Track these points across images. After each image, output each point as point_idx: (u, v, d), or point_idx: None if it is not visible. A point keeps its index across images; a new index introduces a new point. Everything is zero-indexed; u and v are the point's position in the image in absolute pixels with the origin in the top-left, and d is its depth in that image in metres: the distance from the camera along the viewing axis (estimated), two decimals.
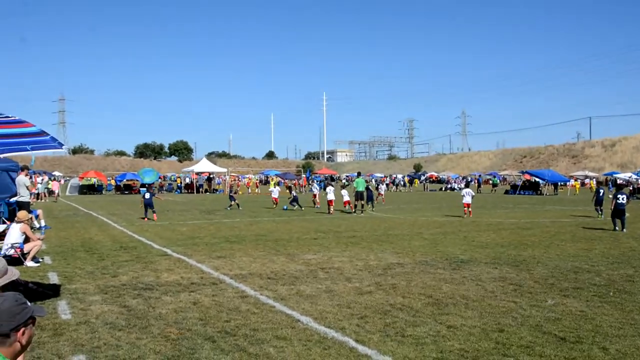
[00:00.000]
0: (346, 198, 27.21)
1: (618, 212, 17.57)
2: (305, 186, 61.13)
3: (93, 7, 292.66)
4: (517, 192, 53.71)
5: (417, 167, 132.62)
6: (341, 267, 10.77)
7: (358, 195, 25.79)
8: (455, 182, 74.15)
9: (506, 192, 56.50)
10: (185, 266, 10.98)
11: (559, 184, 56.66)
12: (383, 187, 32.35)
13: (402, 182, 71.46)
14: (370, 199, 27.78)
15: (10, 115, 6.97)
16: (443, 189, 68.83)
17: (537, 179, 55.05)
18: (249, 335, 6.28)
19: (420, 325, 6.68)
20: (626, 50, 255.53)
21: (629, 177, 62.43)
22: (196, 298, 8.15)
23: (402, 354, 5.64)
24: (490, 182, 69.49)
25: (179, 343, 6.01)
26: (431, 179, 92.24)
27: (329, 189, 27.32)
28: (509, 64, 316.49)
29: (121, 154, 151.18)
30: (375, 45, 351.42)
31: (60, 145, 7.17)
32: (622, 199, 17.65)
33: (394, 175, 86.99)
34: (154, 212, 22.48)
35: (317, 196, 31.55)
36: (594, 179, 74.36)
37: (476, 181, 67.78)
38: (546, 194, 50.57)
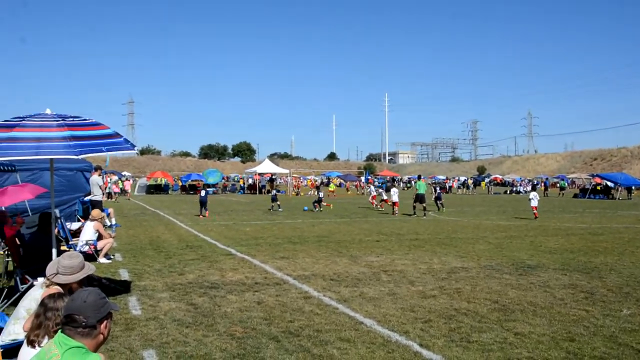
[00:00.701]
0: (395, 199, 27.56)
1: None
2: (363, 189, 61.00)
3: (163, 9, 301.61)
4: (587, 196, 51.73)
5: (481, 170, 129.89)
6: (404, 270, 10.67)
7: (419, 198, 25.87)
8: (520, 185, 72.24)
9: (575, 195, 54.54)
10: (249, 266, 11.15)
11: (633, 188, 54.14)
12: (372, 187, 32.04)
13: (466, 184, 69.95)
14: (438, 199, 29.08)
15: (87, 118, 7.27)
16: (508, 192, 67.16)
17: (608, 183, 52.89)
18: (313, 336, 6.31)
19: (486, 331, 6.53)
20: None
21: None
22: (260, 298, 8.27)
23: None
24: (558, 185, 67.23)
25: (244, 342, 6.11)
26: (495, 182, 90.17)
27: (394, 190, 28.21)
28: (578, 63, 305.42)
29: (186, 154, 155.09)
30: (437, 46, 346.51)
31: (133, 146, 7.41)
32: None
33: (456, 178, 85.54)
34: (206, 210, 24.23)
35: (375, 197, 31.78)
36: None
37: (543, 184, 65.73)
38: (619, 199, 48.47)
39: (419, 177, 29.01)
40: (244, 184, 64.60)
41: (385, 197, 31.39)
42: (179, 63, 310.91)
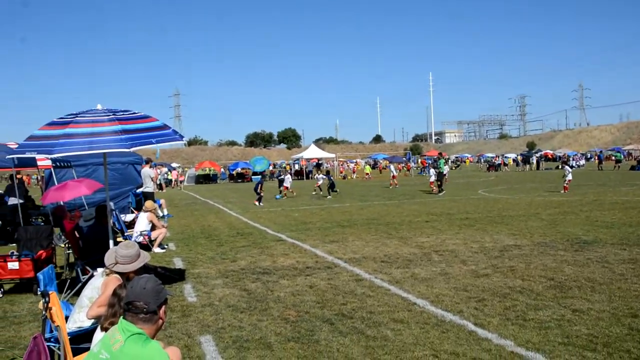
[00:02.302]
0: (433, 178, 28.44)
1: None
2: (409, 170, 60.48)
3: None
4: None
5: (531, 146, 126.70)
6: (455, 250, 10.56)
7: (440, 176, 27.47)
8: (573, 160, 70.24)
9: (632, 168, 52.65)
10: (299, 251, 11.24)
11: None
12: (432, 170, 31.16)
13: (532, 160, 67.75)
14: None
15: (136, 112, 7.43)
16: (560, 167, 65.43)
17: None
18: (366, 318, 6.33)
19: (543, 309, 6.41)
20: None
21: None
22: (312, 281, 8.33)
23: (524, 338, 5.45)
24: (613, 158, 65.04)
25: (298, 325, 6.17)
26: (546, 157, 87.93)
27: (432, 171, 29.26)
28: (630, 29, 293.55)
29: (232, 143, 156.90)
30: (481, 21, 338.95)
31: (181, 137, 7.54)
32: None
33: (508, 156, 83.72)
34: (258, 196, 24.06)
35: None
36: None
37: (597, 158, 63.73)
38: None
39: (440, 156, 30.14)
40: (290, 169, 64.98)
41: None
42: (222, 55, 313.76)
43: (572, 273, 8.23)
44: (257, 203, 23.54)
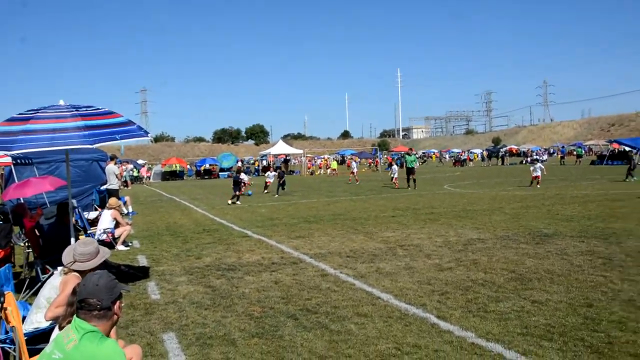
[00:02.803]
0: (395, 175, 29.11)
1: None
2: (377, 165, 60.86)
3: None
4: (605, 162, 51.14)
5: (496, 141, 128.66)
6: (420, 244, 10.68)
7: (409, 172, 27.56)
8: (537, 155, 71.55)
9: (592, 162, 53.96)
10: (265, 247, 11.22)
11: None
12: (394, 167, 31.00)
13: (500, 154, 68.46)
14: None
15: (100, 107, 7.31)
16: (523, 162, 66.59)
17: (627, 148, 52.16)
18: (330, 313, 6.36)
19: (503, 301, 6.54)
20: None
21: None
22: (277, 277, 8.33)
23: (485, 329, 5.55)
24: (575, 153, 66.48)
25: (263, 321, 6.17)
26: (511, 153, 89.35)
27: (394, 167, 29.91)
28: (593, 28, 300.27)
29: (200, 140, 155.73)
30: (448, 18, 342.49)
31: (146, 133, 7.41)
32: None
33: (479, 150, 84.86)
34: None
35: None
36: None
37: (559, 153, 65.06)
38: (638, 163, 47.82)
39: (409, 152, 31.12)
40: (258, 166, 64.71)
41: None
42: (191, 51, 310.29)
43: (532, 265, 8.41)
44: (231, 202, 22.28)
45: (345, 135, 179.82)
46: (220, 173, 57.72)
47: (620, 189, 22.18)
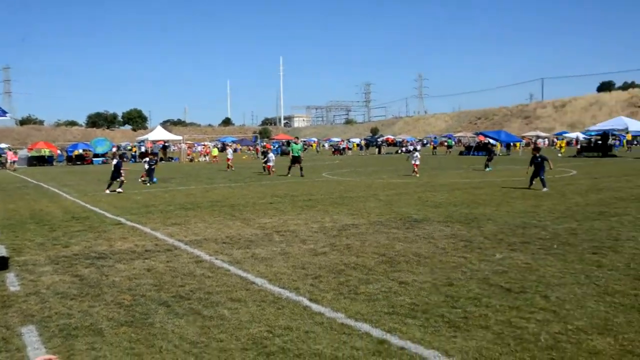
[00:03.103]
0: (270, 163, 29.07)
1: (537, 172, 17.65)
2: (258, 153, 60.86)
3: None
4: (472, 152, 54.61)
5: (374, 131, 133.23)
6: (296, 230, 10.85)
7: (294, 160, 27.45)
8: (411, 145, 74.94)
9: (461, 153, 57.43)
10: (139, 234, 10.88)
11: (512, 144, 57.83)
12: (271, 155, 31.00)
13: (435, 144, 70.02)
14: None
15: None
16: (398, 151, 69.48)
17: (490, 140, 56.03)
18: (204, 299, 6.31)
19: (373, 283, 6.82)
20: (577, 12, 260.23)
21: (576, 137, 64.17)
22: (150, 265, 8.12)
23: (354, 310, 5.77)
24: (446, 144, 70.41)
25: (133, 309, 6.00)
26: (388, 142, 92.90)
27: (270, 155, 29.69)
28: (465, 27, 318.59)
29: (72, 124, 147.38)
30: (330, 10, 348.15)
31: (4, 113, 6.91)
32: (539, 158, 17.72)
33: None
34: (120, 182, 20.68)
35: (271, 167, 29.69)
36: (546, 139, 76.32)
37: (431, 143, 68.57)
38: (499, 154, 51.58)
39: (296, 140, 30.54)
40: (135, 152, 62.32)
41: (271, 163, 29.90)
42: (60, 28, 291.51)
43: (401, 249, 8.83)
44: (114, 190, 20.01)
45: (227, 122, 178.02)
46: (94, 159, 54.92)
47: (482, 177, 23.81)
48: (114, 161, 21.42)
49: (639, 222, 10.92)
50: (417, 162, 25.83)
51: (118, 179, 20.29)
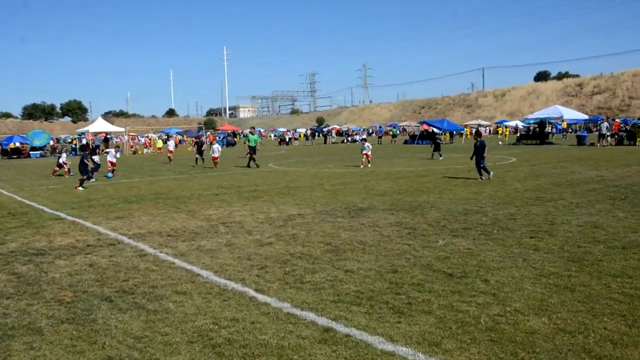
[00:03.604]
0: (216, 154, 27.94)
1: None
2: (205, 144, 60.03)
3: None
4: (416, 141, 55.52)
5: (320, 121, 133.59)
6: (242, 221, 10.80)
7: (251, 150, 26.96)
8: (357, 135, 75.52)
9: (405, 142, 58.30)
10: (80, 229, 10.60)
11: (455, 132, 59.11)
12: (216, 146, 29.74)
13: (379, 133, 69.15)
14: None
15: None
16: (344, 141, 69.94)
17: (434, 129, 57.12)
18: (148, 293, 6.22)
19: (319, 272, 6.87)
20: (514, 4, 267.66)
21: (515, 125, 66.09)
22: (92, 260, 7.93)
23: (300, 299, 5.80)
24: (391, 133, 71.29)
25: (74, 305, 5.86)
26: (335, 132, 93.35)
27: (215, 147, 28.59)
28: (410, 17, 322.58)
29: (7, 115, 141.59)
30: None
31: None
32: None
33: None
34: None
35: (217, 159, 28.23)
36: (487, 128, 78.32)
37: (377, 133, 69.24)
38: (442, 143, 52.59)
39: (252, 130, 29.77)
40: (75, 144, 60.48)
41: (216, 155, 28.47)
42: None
43: (347, 237, 8.92)
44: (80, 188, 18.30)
45: (171, 113, 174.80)
46: (31, 152, 52.99)
47: (426, 166, 24.26)
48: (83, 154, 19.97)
49: (572, 206, 11.37)
50: (369, 153, 25.13)
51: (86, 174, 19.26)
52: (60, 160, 25.64)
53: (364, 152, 25.04)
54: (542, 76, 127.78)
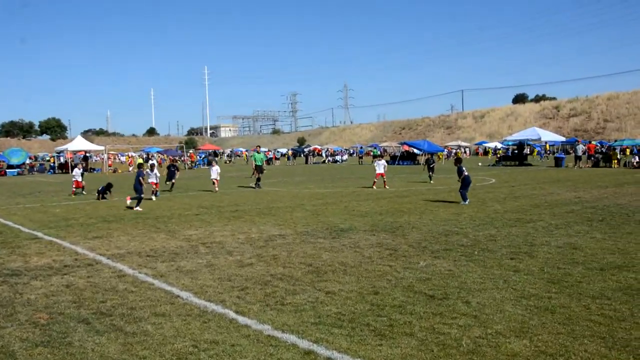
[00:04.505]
0: (214, 176, 24.16)
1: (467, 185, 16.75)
2: (185, 162, 59.83)
3: None
4: (397, 162, 55.81)
5: (301, 141, 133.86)
6: (223, 241, 10.72)
7: (258, 169, 25.72)
8: (339, 155, 75.74)
9: (387, 162, 58.49)
10: (57, 249, 10.42)
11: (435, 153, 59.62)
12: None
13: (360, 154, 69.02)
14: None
15: None
16: (325, 161, 70.08)
17: (414, 150, 57.51)
18: (126, 314, 6.12)
19: (300, 293, 6.82)
20: (495, 26, 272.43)
21: (494, 146, 66.91)
22: (69, 281, 7.79)
23: (281, 321, 5.75)
24: (372, 153, 71.59)
25: (50, 328, 5.73)
26: (315, 152, 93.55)
27: (214, 169, 24.98)
28: (390, 38, 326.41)
29: None
30: (256, 19, 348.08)
31: None
32: (466, 170, 16.78)
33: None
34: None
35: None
36: (466, 149, 79.11)
37: (357, 153, 69.49)
38: (422, 164, 53.00)
39: (258, 150, 27.85)
40: (54, 163, 59.81)
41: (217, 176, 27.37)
42: None
43: (328, 258, 8.89)
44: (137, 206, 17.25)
45: (152, 132, 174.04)
46: (7, 170, 52.21)
47: (407, 187, 24.37)
48: (137, 171, 18.66)
49: (552, 227, 11.48)
50: (382, 171, 23.53)
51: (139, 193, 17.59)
52: (77, 178, 24.58)
53: (379, 171, 23.57)
54: (520, 98, 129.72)
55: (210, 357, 4.82)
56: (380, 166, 23.83)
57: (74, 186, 24.23)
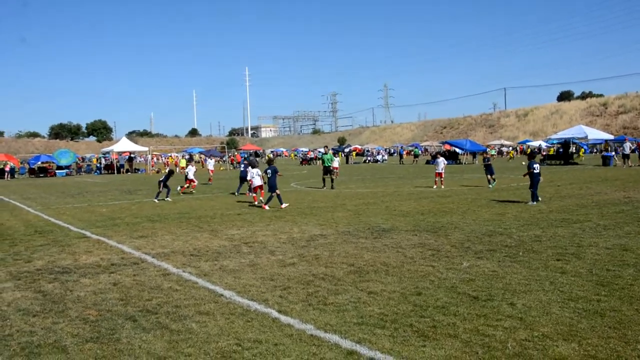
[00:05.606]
0: (258, 182, 18.38)
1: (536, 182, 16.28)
2: (226, 163, 60.49)
3: None
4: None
5: (342, 141, 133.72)
6: (265, 241, 10.80)
7: (326, 171, 24.94)
8: (379, 154, 75.39)
9: (427, 162, 57.96)
10: (105, 247, 10.69)
11: (477, 152, 58.74)
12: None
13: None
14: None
15: None
16: (365, 161, 69.86)
17: (456, 149, 56.82)
18: (171, 312, 6.23)
19: (342, 293, 6.82)
20: (537, 24, 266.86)
21: (539, 145, 65.53)
22: (116, 279, 7.98)
23: (323, 321, 5.75)
24: (412, 153, 71.02)
25: (99, 324, 5.88)
26: (356, 152, 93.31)
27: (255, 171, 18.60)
28: (431, 37, 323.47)
29: (34, 135, 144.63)
30: (297, 19, 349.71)
31: None
32: (537, 168, 16.53)
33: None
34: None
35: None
36: (510, 147, 77.67)
37: (398, 153, 69.03)
38: (465, 163, 52.33)
39: (326, 150, 27.24)
40: (100, 163, 61.36)
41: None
42: (20, 36, 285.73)
43: (370, 258, 8.86)
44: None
45: (194, 133, 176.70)
46: (57, 171, 53.83)
47: (449, 186, 24.06)
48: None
49: (600, 228, 11.18)
50: (440, 170, 23.21)
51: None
52: (190, 176, 25.08)
53: (438, 170, 23.32)
54: (565, 96, 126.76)
55: (254, 356, 4.86)
56: (439, 165, 23.45)
57: (187, 185, 24.72)
